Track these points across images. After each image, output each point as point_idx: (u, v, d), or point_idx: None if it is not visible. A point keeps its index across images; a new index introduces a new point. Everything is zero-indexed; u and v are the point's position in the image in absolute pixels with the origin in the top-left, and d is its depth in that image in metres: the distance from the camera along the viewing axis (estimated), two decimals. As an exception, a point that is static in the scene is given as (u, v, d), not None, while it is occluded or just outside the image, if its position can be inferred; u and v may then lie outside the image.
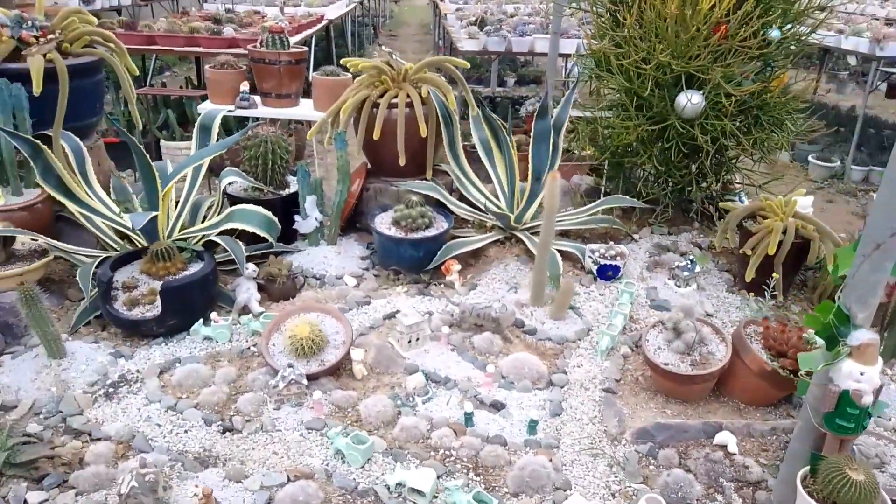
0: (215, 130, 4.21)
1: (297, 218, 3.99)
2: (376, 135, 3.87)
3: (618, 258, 3.72)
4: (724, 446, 2.61)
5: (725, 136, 3.81)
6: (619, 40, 3.89)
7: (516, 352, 3.18)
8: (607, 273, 3.71)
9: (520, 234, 4.07)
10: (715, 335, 2.95)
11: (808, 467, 2.19)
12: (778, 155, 4.18)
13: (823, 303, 2.10)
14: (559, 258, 3.72)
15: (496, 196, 4.28)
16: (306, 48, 4.91)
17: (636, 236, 4.26)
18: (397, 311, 3.46)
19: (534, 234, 4.05)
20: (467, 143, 4.47)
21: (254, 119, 4.70)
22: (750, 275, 3.44)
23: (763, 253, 3.43)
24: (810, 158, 7.62)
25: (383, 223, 3.91)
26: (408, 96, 3.97)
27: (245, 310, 3.47)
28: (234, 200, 3.98)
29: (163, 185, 3.72)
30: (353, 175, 4.12)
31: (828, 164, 7.53)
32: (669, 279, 3.79)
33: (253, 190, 3.98)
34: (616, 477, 2.52)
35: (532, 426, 2.68)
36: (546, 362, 3.10)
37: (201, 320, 3.26)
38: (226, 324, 3.26)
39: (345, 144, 3.88)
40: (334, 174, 3.99)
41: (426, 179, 4.24)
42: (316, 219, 3.97)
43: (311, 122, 5.03)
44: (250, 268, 3.50)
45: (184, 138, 6.46)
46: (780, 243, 3.40)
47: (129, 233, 3.76)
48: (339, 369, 3.03)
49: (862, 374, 2.00)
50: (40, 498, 2.29)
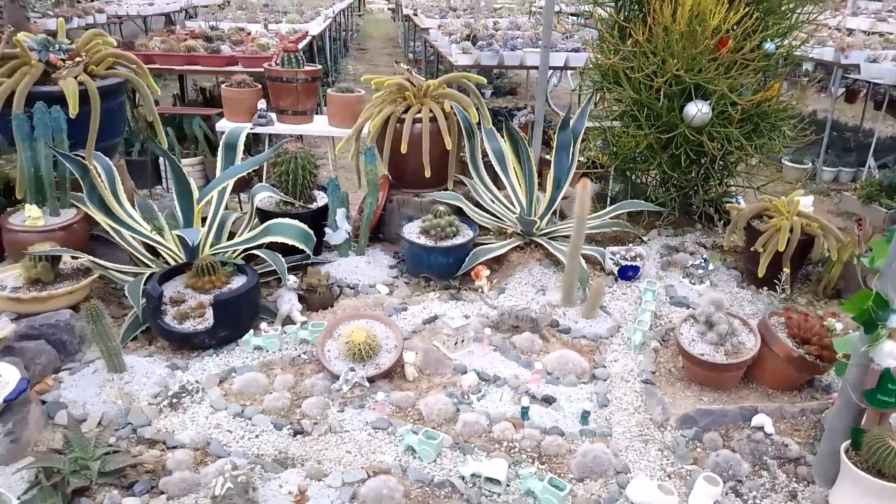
0: (240, 148, 4.33)
1: (327, 230, 4.12)
2: (403, 148, 4.03)
3: (637, 259, 3.95)
4: (760, 428, 2.84)
5: (730, 142, 4.09)
6: (629, 54, 4.14)
7: (555, 350, 3.37)
8: (628, 273, 3.94)
9: (538, 240, 4.27)
10: (743, 326, 3.19)
11: (850, 441, 2.43)
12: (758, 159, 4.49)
13: (860, 291, 2.34)
14: (583, 261, 3.93)
15: (511, 203, 4.49)
16: (320, 66, 5.04)
17: (645, 238, 4.51)
18: (436, 316, 3.63)
19: (552, 238, 4.26)
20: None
21: (277, 136, 4.81)
22: (762, 270, 3.69)
23: (773, 250, 3.70)
24: (784, 161, 8.03)
25: (412, 233, 4.07)
26: (430, 111, 4.15)
27: (287, 320, 3.59)
28: (264, 215, 4.09)
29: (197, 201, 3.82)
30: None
31: (800, 166, 7.95)
32: (684, 277, 4.04)
33: (284, 204, 4.10)
34: (668, 460, 2.72)
35: (584, 417, 2.87)
36: (585, 358, 3.30)
37: (251, 331, 3.37)
38: (275, 333, 3.37)
39: (374, 158, 4.03)
40: (346, 186, 4.14)
41: (447, 190, 4.42)
42: (346, 230, 4.11)
43: (324, 137, 5.17)
44: (291, 279, 3.62)
45: (183, 156, 6.50)
46: (788, 240, 3.67)
47: (161, 249, 3.85)
48: (392, 372, 3.18)
49: (901, 352, 2.24)
50: None
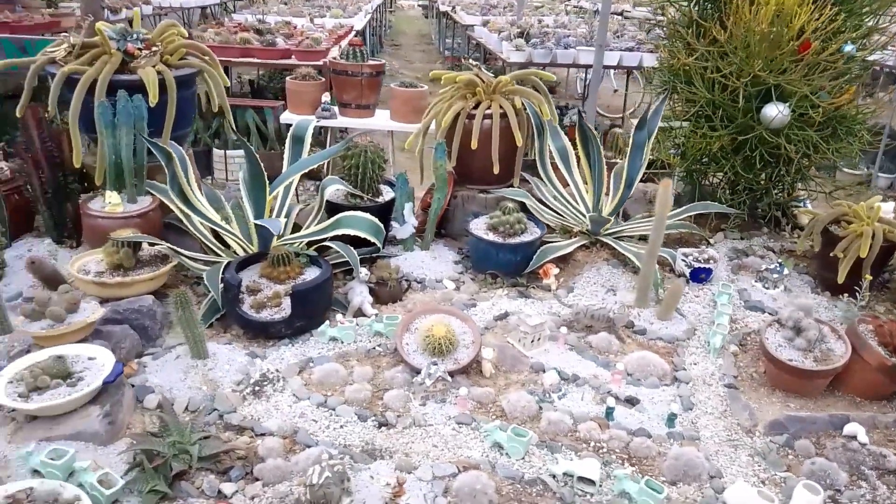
0: (308, 141, 4.34)
1: (393, 224, 4.12)
2: (474, 144, 4.01)
3: (710, 262, 3.89)
4: (853, 437, 2.77)
5: (808, 146, 4.01)
6: (705, 53, 4.07)
7: (631, 351, 3.33)
8: (700, 276, 3.88)
9: (605, 239, 4.23)
10: (832, 333, 3.12)
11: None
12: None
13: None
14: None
15: (575, 201, 4.45)
16: (384, 61, 5.04)
17: (712, 241, 4.44)
18: (507, 313, 3.60)
19: (619, 238, 4.21)
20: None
21: (341, 129, 4.82)
22: (842, 277, 3.61)
23: (854, 256, 3.61)
24: (841, 167, 7.89)
25: (479, 228, 4.04)
26: (500, 107, 4.13)
27: (358, 312, 3.59)
28: (331, 207, 4.09)
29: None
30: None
31: (855, 172, 7.81)
32: (756, 281, 3.97)
33: (352, 197, 4.11)
34: (760, 466, 2.67)
35: (671, 419, 2.83)
36: (664, 360, 3.26)
37: (327, 322, 3.38)
38: (350, 325, 3.37)
39: (444, 153, 4.02)
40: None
41: (512, 186, 4.40)
42: (413, 225, 4.11)
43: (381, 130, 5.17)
44: (363, 272, 3.62)
45: (235, 147, 6.56)
46: (871, 246, 3.59)
47: (229, 238, 3.88)
48: (469, 368, 3.16)
49: None
50: (232, 489, 2.39)
